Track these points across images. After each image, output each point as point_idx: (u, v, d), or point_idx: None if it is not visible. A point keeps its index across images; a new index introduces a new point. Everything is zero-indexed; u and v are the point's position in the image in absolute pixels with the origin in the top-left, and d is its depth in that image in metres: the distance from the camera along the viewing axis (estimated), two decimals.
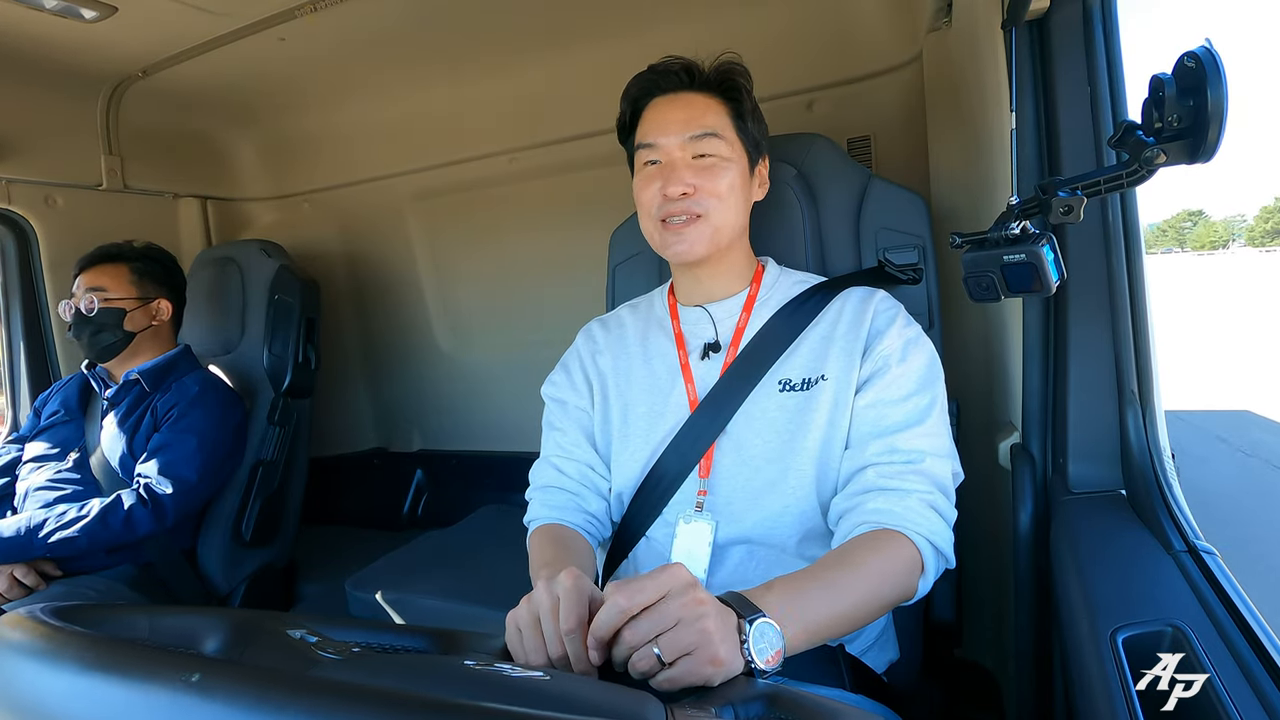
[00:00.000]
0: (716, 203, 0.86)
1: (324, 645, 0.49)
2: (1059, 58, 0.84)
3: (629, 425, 0.91)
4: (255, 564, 1.66)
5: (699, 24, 1.53)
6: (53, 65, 1.57)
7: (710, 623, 0.52)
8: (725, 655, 0.52)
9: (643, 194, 0.90)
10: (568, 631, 0.54)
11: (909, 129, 1.47)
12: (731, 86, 0.90)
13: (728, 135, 0.88)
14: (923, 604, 1.01)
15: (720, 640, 0.52)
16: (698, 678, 0.51)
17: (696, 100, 0.89)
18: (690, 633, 0.51)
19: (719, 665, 0.51)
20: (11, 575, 1.29)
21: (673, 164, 0.87)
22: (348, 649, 0.50)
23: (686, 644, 0.51)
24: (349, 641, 0.52)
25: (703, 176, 0.86)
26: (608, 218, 1.25)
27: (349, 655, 0.48)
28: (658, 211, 0.88)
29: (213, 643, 0.47)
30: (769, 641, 0.55)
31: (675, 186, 0.86)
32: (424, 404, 2.34)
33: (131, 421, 1.46)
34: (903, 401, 0.80)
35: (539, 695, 0.43)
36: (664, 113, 0.89)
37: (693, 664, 0.51)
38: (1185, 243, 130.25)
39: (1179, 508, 0.71)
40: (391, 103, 1.93)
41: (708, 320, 0.93)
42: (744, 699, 0.45)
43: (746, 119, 0.91)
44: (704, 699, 0.47)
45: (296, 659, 0.46)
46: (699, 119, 0.87)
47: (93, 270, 1.48)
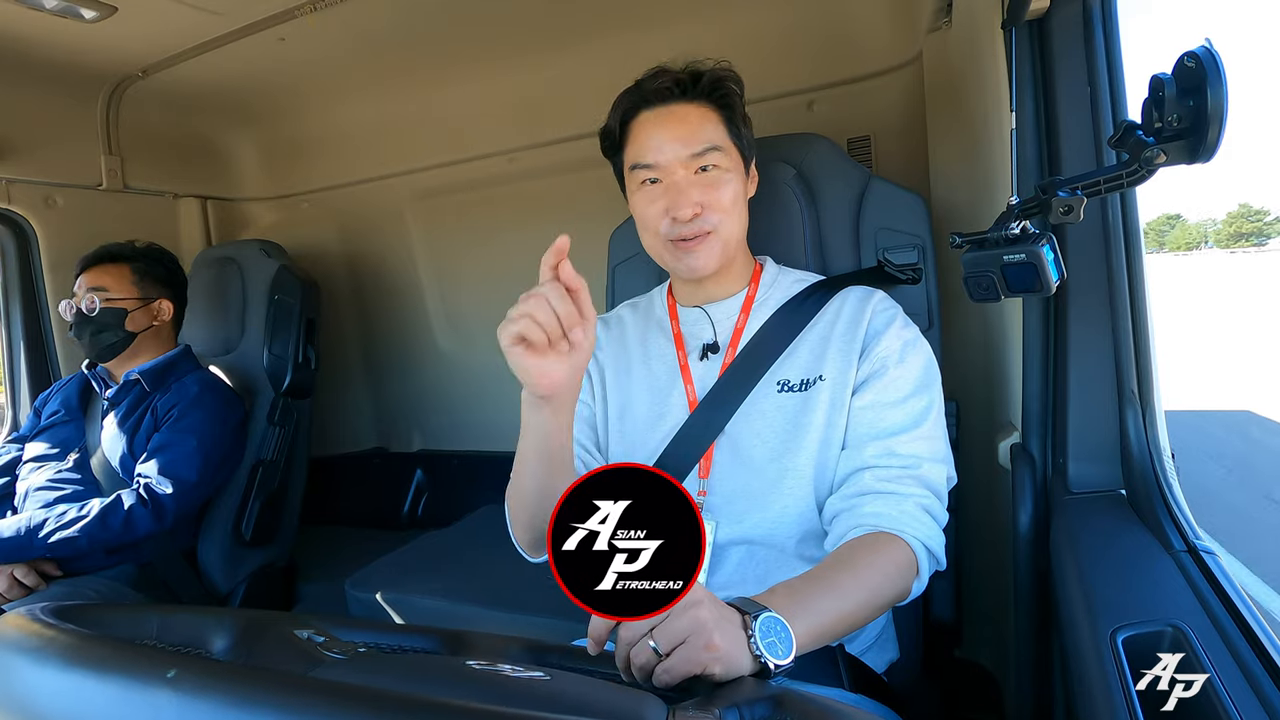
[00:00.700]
0: (723, 216, 0.86)
1: (330, 645, 0.49)
2: (1059, 58, 0.84)
3: (627, 424, 0.91)
4: (255, 564, 1.66)
5: (699, 24, 1.53)
6: (53, 65, 1.57)
7: (704, 611, 0.52)
8: (721, 642, 0.52)
9: (646, 211, 0.87)
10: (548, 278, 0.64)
11: (909, 129, 1.47)
12: (725, 93, 0.88)
13: (725, 145, 0.87)
14: (922, 604, 1.01)
15: (715, 627, 0.52)
16: (696, 665, 0.51)
17: (691, 113, 0.86)
18: (684, 621, 0.52)
19: (714, 650, 0.51)
20: (11, 575, 1.29)
21: (676, 185, 0.85)
22: (354, 649, 0.50)
23: (680, 632, 0.51)
24: (356, 642, 0.53)
25: (708, 192, 0.85)
26: (607, 218, 1.25)
27: (353, 655, 0.48)
28: (665, 231, 0.86)
29: (221, 642, 0.47)
30: (778, 635, 0.55)
31: (685, 209, 0.84)
32: (424, 404, 2.34)
33: (132, 421, 1.46)
34: (900, 404, 0.80)
35: (537, 695, 0.43)
36: (660, 130, 0.86)
37: (689, 651, 0.51)
38: (1165, 244, 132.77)
39: (1179, 508, 0.71)
40: (391, 103, 1.93)
41: (706, 321, 0.93)
42: (749, 700, 0.45)
43: (739, 125, 0.89)
44: (709, 700, 0.47)
45: (301, 659, 0.46)
46: (698, 134, 0.85)
47: (94, 270, 1.48)
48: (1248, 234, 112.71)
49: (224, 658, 0.47)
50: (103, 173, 1.82)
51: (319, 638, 0.50)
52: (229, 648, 0.47)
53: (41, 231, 1.75)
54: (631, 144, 0.88)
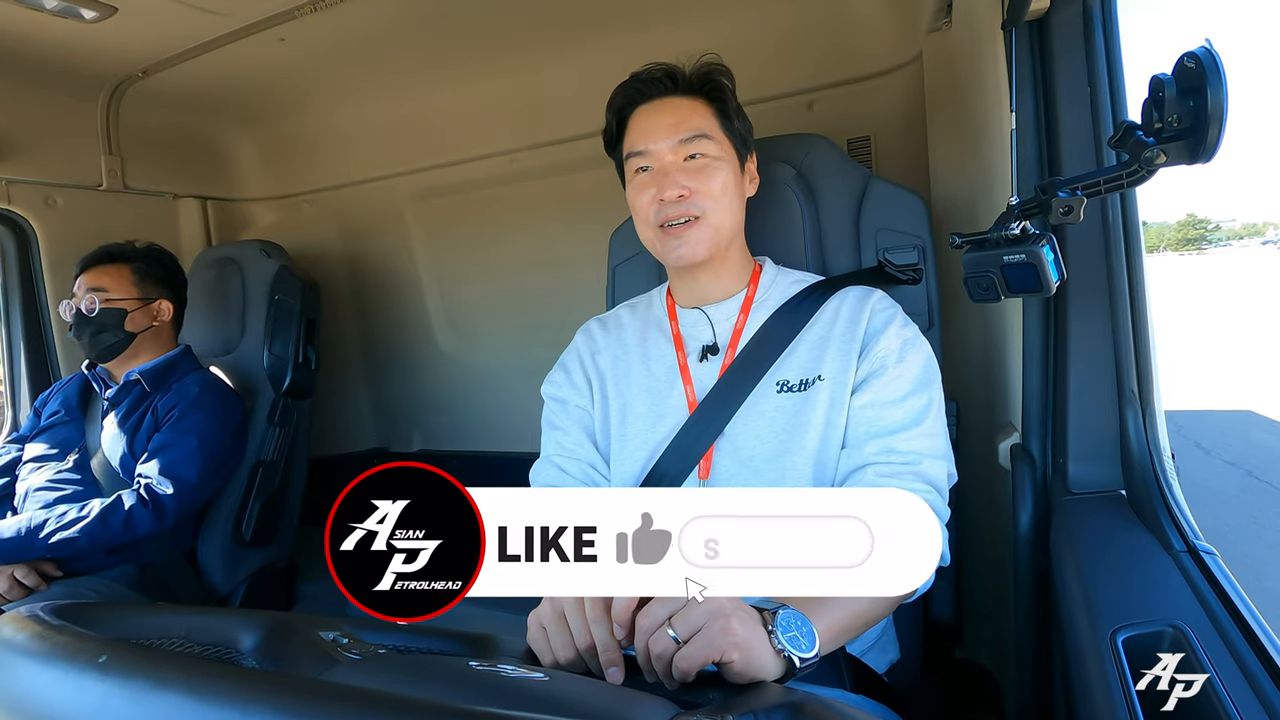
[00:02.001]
0: (712, 203, 0.87)
1: (351, 647, 0.49)
2: (1059, 58, 0.84)
3: (628, 426, 0.91)
4: (255, 564, 1.66)
5: (699, 24, 1.53)
6: (53, 65, 1.57)
7: (724, 600, 0.53)
8: (740, 628, 0.52)
9: (638, 201, 0.90)
10: (595, 619, 0.54)
11: (909, 129, 1.47)
12: (715, 87, 0.91)
13: (716, 135, 0.89)
14: (923, 604, 1.01)
15: (733, 614, 0.53)
16: (714, 650, 0.51)
17: (682, 104, 0.89)
18: (703, 609, 0.52)
19: (733, 635, 0.51)
20: (12, 575, 1.29)
21: (665, 169, 0.87)
22: (374, 651, 0.50)
23: (699, 619, 0.52)
24: (379, 644, 0.53)
25: (696, 178, 0.86)
26: (607, 218, 1.25)
27: (370, 656, 0.49)
28: (655, 217, 0.88)
29: (248, 642, 0.48)
30: (800, 630, 0.55)
31: (671, 190, 0.86)
32: (424, 404, 2.34)
33: (132, 422, 1.46)
34: (900, 402, 0.80)
35: (537, 698, 0.43)
36: (651, 119, 0.89)
37: (707, 637, 0.51)
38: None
39: (1179, 508, 0.71)
40: (391, 103, 1.93)
41: (705, 323, 0.93)
42: (766, 707, 0.45)
43: (732, 117, 0.91)
44: (724, 707, 0.47)
45: (319, 660, 0.47)
46: (687, 121, 0.87)
47: (94, 270, 1.48)
48: (1194, 239, 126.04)
49: (250, 658, 0.47)
50: (103, 173, 1.82)
51: (343, 639, 0.50)
52: (255, 648, 0.47)
53: (41, 231, 1.75)
54: (627, 135, 0.92)
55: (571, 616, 0.56)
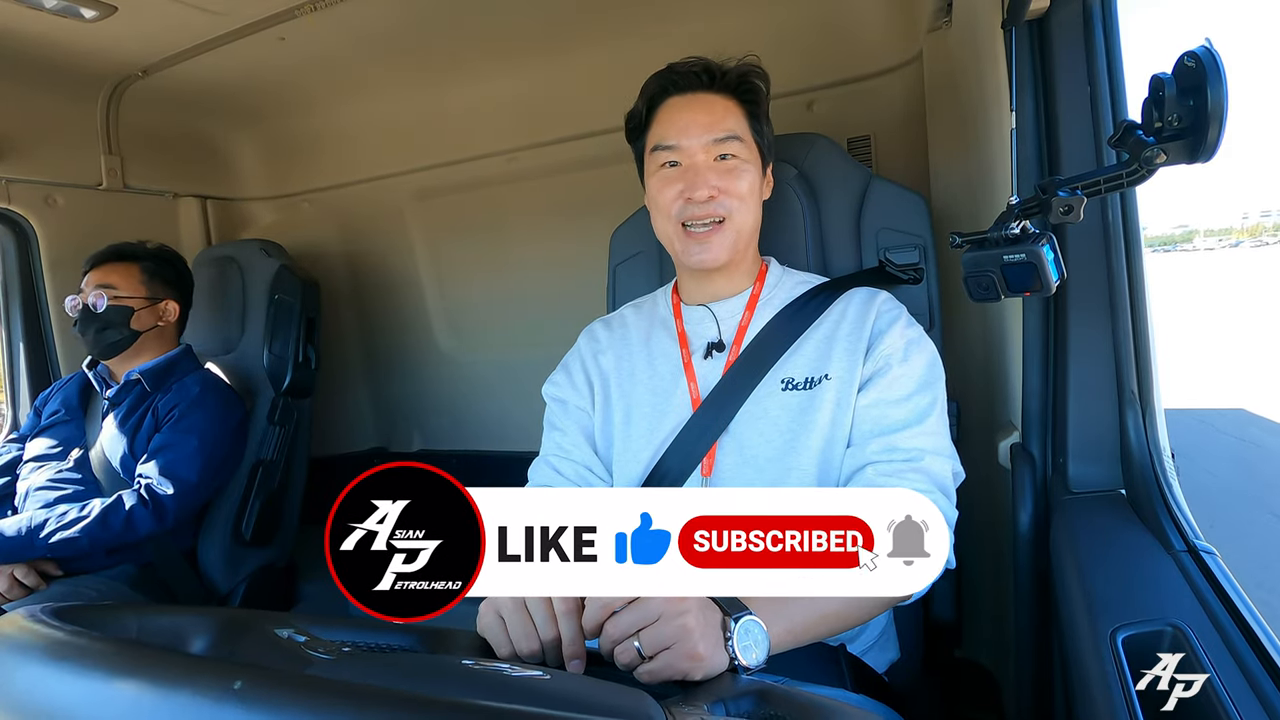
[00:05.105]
0: (739, 204, 0.87)
1: (313, 645, 0.49)
2: (1059, 58, 0.84)
3: (632, 424, 0.91)
4: (255, 564, 1.66)
5: (699, 24, 1.53)
6: (53, 65, 1.57)
7: (691, 619, 0.53)
8: (705, 651, 0.53)
9: (661, 195, 0.89)
10: (565, 613, 0.55)
11: (909, 129, 1.47)
12: (751, 89, 0.90)
13: (746, 138, 0.88)
14: (923, 604, 1.01)
15: (700, 636, 0.53)
16: (676, 672, 0.52)
17: (717, 102, 0.88)
18: (670, 628, 0.52)
19: (698, 660, 0.52)
20: (12, 575, 1.29)
21: (695, 167, 0.87)
22: (338, 648, 0.50)
23: (666, 638, 0.52)
24: (337, 641, 0.53)
25: (726, 179, 0.86)
26: (608, 217, 1.25)
27: (340, 655, 0.48)
28: (679, 214, 0.87)
29: (200, 642, 0.47)
30: (754, 639, 0.56)
31: (702, 190, 0.85)
32: (424, 404, 2.34)
33: (132, 422, 1.46)
34: (904, 401, 0.80)
35: (542, 695, 0.43)
36: (684, 114, 0.88)
37: (672, 658, 0.52)
38: None
39: (1179, 508, 0.70)
40: (391, 103, 1.92)
41: (711, 319, 0.93)
42: (734, 695, 0.46)
43: (762, 121, 0.91)
44: (694, 695, 0.47)
45: (290, 659, 0.46)
46: (721, 122, 0.87)
47: (103, 268, 1.48)
48: (1163, 240, 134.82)
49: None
50: (103, 172, 1.82)
51: (300, 637, 0.50)
52: (208, 648, 0.46)
53: (41, 231, 1.75)
54: (656, 126, 0.90)
55: (535, 609, 0.55)
